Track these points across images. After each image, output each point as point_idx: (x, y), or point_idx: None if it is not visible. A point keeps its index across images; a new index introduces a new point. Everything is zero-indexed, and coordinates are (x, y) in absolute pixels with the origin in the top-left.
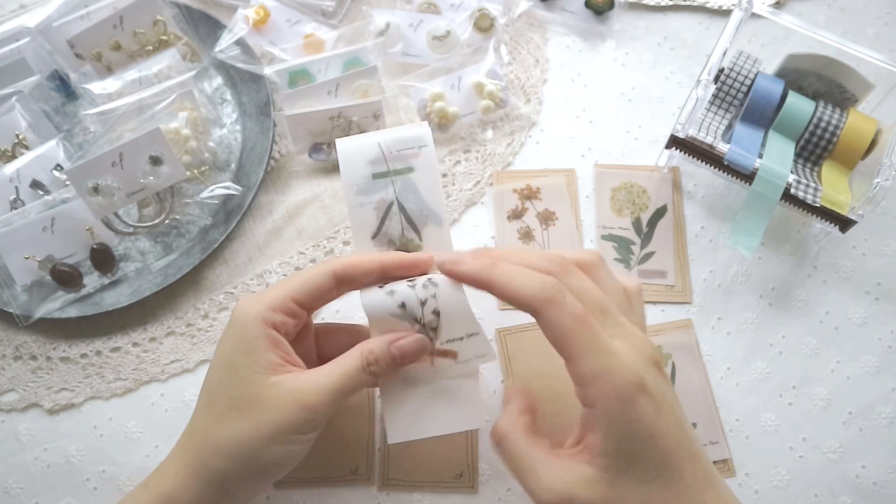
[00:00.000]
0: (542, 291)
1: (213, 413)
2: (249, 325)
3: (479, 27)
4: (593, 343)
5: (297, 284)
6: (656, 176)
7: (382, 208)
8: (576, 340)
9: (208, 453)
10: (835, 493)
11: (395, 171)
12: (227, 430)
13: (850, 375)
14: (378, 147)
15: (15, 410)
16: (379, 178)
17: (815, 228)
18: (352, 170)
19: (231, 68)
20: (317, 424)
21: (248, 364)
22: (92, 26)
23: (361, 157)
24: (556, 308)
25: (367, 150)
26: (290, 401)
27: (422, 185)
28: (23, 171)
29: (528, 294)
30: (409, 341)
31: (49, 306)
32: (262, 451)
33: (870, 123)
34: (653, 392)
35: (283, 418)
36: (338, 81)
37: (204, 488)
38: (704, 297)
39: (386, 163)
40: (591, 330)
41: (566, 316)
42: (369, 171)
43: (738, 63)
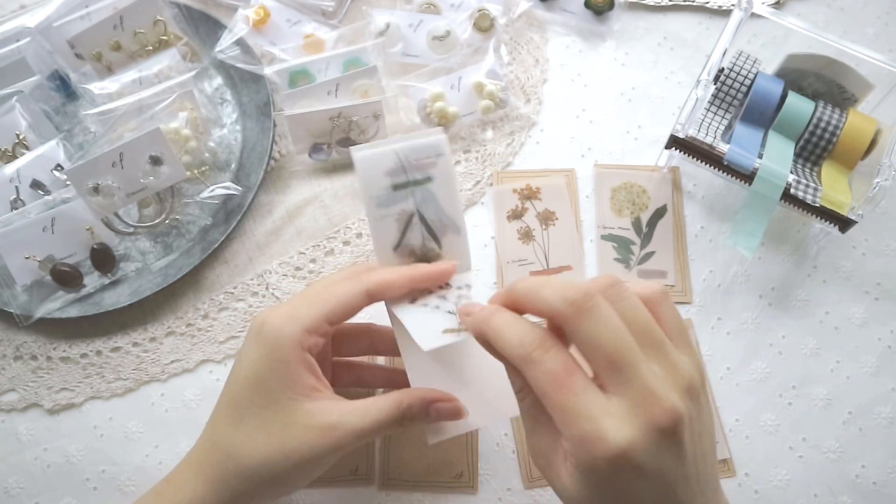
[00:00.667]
0: (519, 349)
1: (239, 431)
2: (285, 347)
3: (479, 27)
4: (570, 406)
5: (332, 305)
6: (656, 176)
7: (403, 220)
8: (550, 401)
9: (230, 471)
10: (835, 493)
11: (414, 182)
12: (254, 451)
13: (849, 375)
14: (396, 157)
15: (15, 410)
16: (399, 189)
17: (814, 228)
18: (371, 182)
19: (231, 68)
20: (339, 456)
21: (283, 388)
22: (92, 26)
23: (379, 168)
24: (532, 367)
25: (384, 160)
26: (322, 434)
27: (440, 194)
28: (23, 171)
29: (508, 353)
30: (447, 408)
31: (49, 306)
32: (286, 476)
33: (869, 123)
34: (639, 464)
35: (311, 449)
36: (338, 81)
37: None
38: (704, 297)
39: (405, 173)
40: (568, 392)
41: (542, 376)
42: (388, 182)
43: (738, 63)
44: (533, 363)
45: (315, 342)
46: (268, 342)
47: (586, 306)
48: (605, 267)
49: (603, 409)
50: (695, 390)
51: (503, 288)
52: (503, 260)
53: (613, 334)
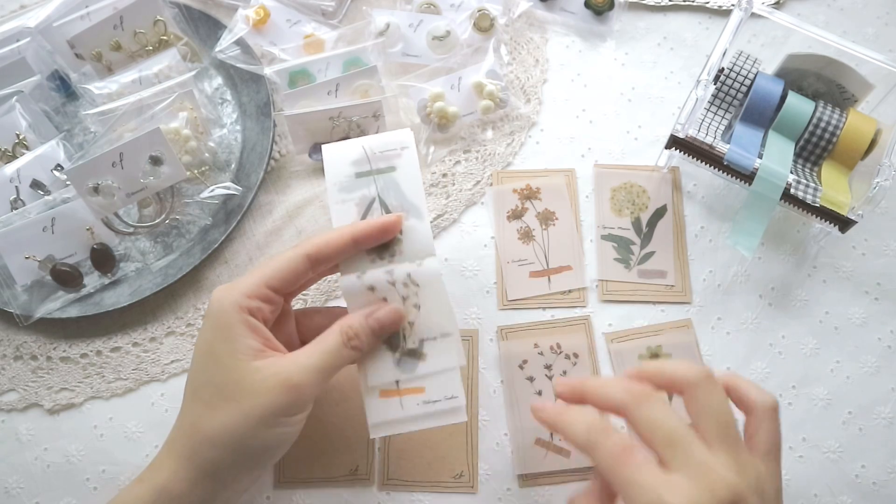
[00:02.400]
0: (584, 435)
1: (199, 403)
2: (226, 312)
3: (479, 27)
4: (633, 479)
5: (271, 270)
6: (656, 176)
7: (364, 204)
8: (614, 477)
9: (198, 443)
10: (834, 493)
11: (377, 171)
12: (215, 418)
13: (849, 375)
14: (361, 148)
15: (15, 410)
16: (362, 176)
17: (814, 228)
18: (335, 169)
19: (231, 68)
20: (303, 405)
21: (228, 351)
22: (92, 26)
23: (345, 157)
24: (597, 450)
25: (350, 150)
26: (275, 384)
27: (403, 181)
28: (23, 171)
29: (577, 441)
30: (385, 311)
31: (49, 306)
32: (252, 437)
33: (869, 123)
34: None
35: (269, 401)
36: (338, 81)
37: (197, 479)
38: (704, 297)
39: (369, 163)
40: (630, 466)
41: (606, 456)
42: (352, 170)
43: (738, 63)
44: (597, 447)
45: (258, 306)
46: (212, 313)
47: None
48: (605, 267)
49: (663, 482)
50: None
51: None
52: (503, 260)
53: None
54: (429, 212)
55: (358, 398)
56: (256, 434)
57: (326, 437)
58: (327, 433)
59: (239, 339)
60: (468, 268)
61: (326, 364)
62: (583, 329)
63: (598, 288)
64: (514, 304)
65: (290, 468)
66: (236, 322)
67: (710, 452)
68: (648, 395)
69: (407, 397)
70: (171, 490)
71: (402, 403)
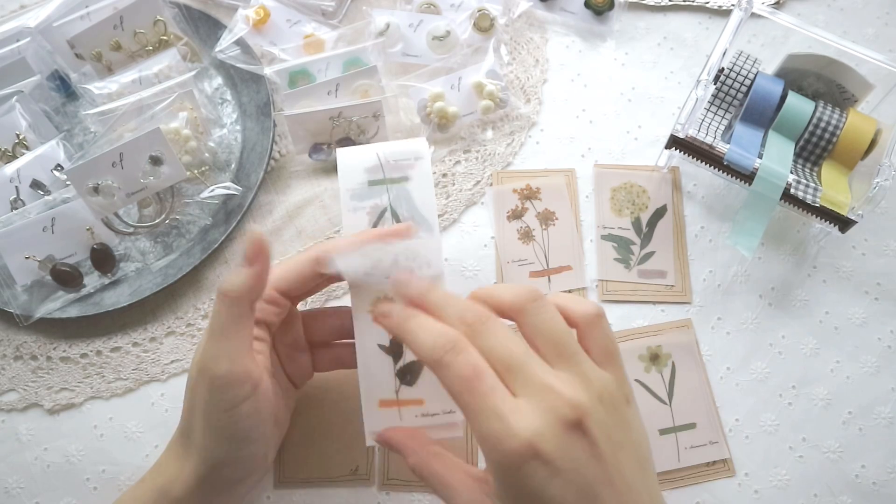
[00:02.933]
0: (432, 351)
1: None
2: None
3: (478, 27)
4: (480, 407)
5: (279, 273)
6: (656, 176)
7: (375, 213)
8: (462, 403)
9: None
10: (834, 493)
11: (390, 180)
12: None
13: (849, 375)
14: (376, 156)
15: (15, 410)
16: (375, 185)
17: (814, 228)
18: (349, 175)
19: (231, 68)
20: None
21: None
22: (92, 26)
23: (359, 164)
24: (444, 369)
25: (364, 157)
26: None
27: (416, 193)
28: (23, 171)
29: (423, 352)
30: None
31: (49, 306)
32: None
33: (869, 123)
34: (549, 457)
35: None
36: (338, 81)
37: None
38: (704, 297)
39: (382, 171)
40: (477, 393)
41: (454, 378)
42: (366, 178)
43: (738, 63)
44: (444, 366)
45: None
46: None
47: (480, 328)
48: (605, 267)
49: (510, 408)
50: (609, 398)
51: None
52: (503, 260)
53: (506, 344)
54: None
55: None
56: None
57: (326, 437)
58: (327, 433)
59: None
60: (468, 268)
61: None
62: None
63: (598, 288)
64: None
65: (290, 468)
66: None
67: (551, 372)
68: (485, 320)
69: (406, 408)
70: (171, 492)
71: (400, 414)
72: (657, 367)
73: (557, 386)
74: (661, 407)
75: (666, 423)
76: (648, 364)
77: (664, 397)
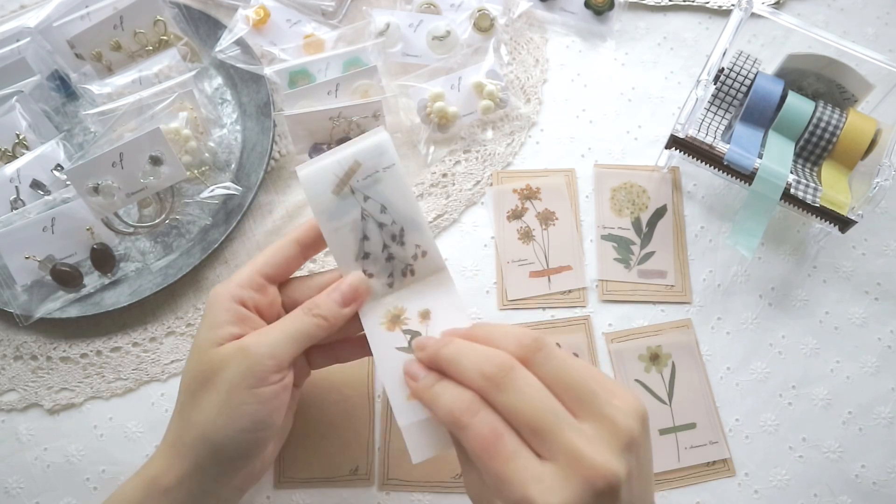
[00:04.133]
0: (448, 415)
1: (186, 394)
2: (216, 304)
3: (478, 27)
4: (503, 473)
5: (263, 259)
6: (656, 176)
7: (358, 228)
8: (484, 468)
9: (185, 434)
10: (834, 493)
11: (361, 188)
12: (197, 407)
13: (849, 375)
14: (339, 165)
15: (15, 410)
16: (347, 197)
17: (814, 228)
18: (317, 197)
19: (231, 68)
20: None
21: (210, 340)
22: (92, 26)
23: (324, 180)
24: (463, 432)
25: (328, 171)
26: (233, 351)
27: (391, 195)
28: (23, 171)
29: (441, 416)
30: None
31: (49, 306)
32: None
33: (869, 123)
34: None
35: (231, 370)
36: (338, 81)
37: (185, 468)
38: (704, 297)
39: (351, 181)
40: (499, 457)
41: (473, 440)
42: (335, 192)
43: (738, 63)
44: (463, 428)
45: (250, 296)
46: (207, 304)
47: (502, 381)
48: (605, 267)
49: (533, 476)
50: (635, 442)
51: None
52: (503, 260)
53: (531, 402)
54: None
55: (358, 399)
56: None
57: (326, 437)
58: (327, 433)
59: (222, 327)
60: (468, 268)
61: (286, 329)
62: (583, 329)
63: (598, 288)
64: (514, 305)
65: (290, 468)
66: (223, 311)
67: (579, 430)
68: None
69: None
70: (161, 483)
71: None
72: (657, 367)
73: (588, 452)
74: (661, 407)
75: (666, 423)
76: (648, 364)
77: (664, 397)
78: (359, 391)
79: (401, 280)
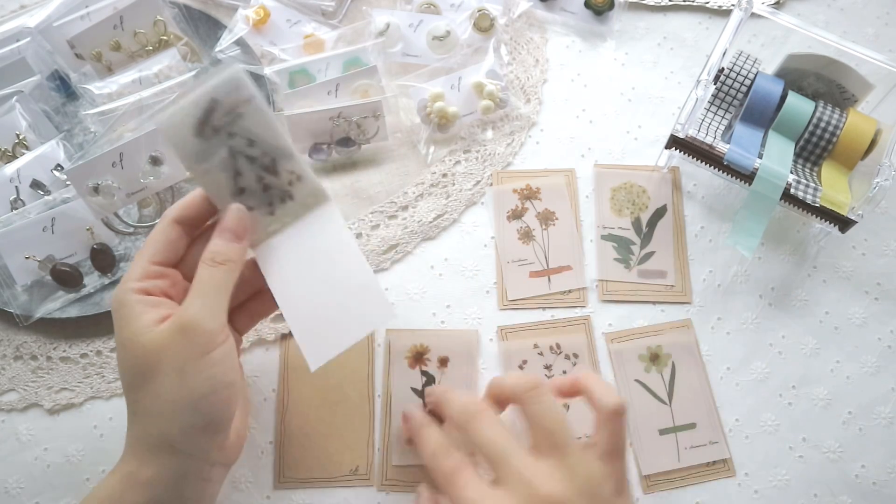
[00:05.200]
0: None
1: (132, 391)
2: (121, 301)
3: (478, 27)
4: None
5: (148, 248)
6: (656, 176)
7: (229, 166)
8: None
9: (147, 423)
10: (834, 493)
11: (225, 124)
12: (147, 394)
13: (849, 375)
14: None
15: (15, 410)
16: (211, 136)
17: (814, 228)
18: (181, 141)
19: None
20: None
21: (131, 333)
22: (92, 26)
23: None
24: (435, 471)
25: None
26: (170, 332)
27: (255, 126)
28: (23, 171)
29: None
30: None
31: (49, 306)
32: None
33: (869, 123)
34: None
35: (173, 350)
36: (338, 81)
37: (159, 458)
38: (704, 297)
39: (213, 118)
40: (456, 486)
41: (441, 477)
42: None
43: (738, 63)
44: (437, 467)
45: (152, 284)
46: (113, 309)
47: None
48: (605, 267)
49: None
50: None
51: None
52: (503, 260)
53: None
54: None
55: (358, 399)
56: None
57: (326, 437)
58: (327, 433)
59: (138, 318)
60: (468, 268)
61: (206, 289)
62: (583, 329)
63: (598, 288)
64: (514, 304)
65: (290, 468)
66: (131, 304)
67: (534, 463)
68: (475, 414)
69: None
70: (139, 477)
71: None
72: (657, 367)
73: (536, 480)
74: (661, 407)
75: (666, 423)
76: (648, 364)
77: (664, 397)
78: (359, 391)
79: (281, 206)
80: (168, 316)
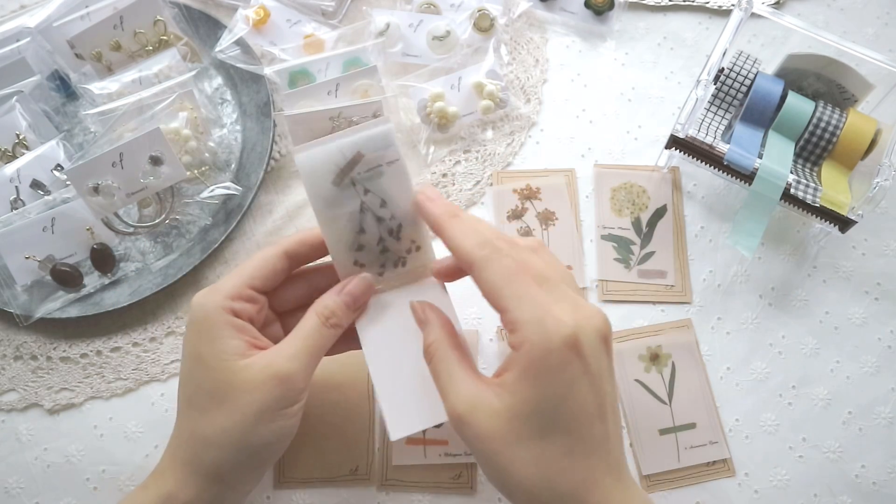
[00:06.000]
0: (479, 248)
1: (194, 410)
2: (210, 315)
3: (478, 27)
4: (530, 294)
5: (251, 270)
6: (656, 176)
7: (355, 219)
8: (510, 290)
9: (200, 449)
10: (834, 493)
11: (363, 179)
12: (213, 423)
13: (849, 375)
14: (341, 154)
15: (15, 410)
16: (347, 187)
17: (814, 228)
18: (315, 183)
19: (231, 68)
20: (297, 395)
21: (215, 354)
22: (92, 26)
23: (324, 167)
24: (491, 262)
25: (329, 158)
26: (265, 378)
27: (392, 188)
28: (23, 171)
29: (468, 247)
30: (355, 283)
31: (49, 306)
32: (252, 435)
33: (869, 123)
34: (586, 356)
35: (262, 397)
36: (338, 81)
37: (203, 484)
38: (704, 297)
39: (352, 170)
40: (527, 283)
41: (502, 268)
42: (335, 181)
43: (738, 63)
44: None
45: (242, 307)
46: (195, 318)
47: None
48: (605, 267)
49: (555, 300)
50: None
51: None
52: None
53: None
54: None
55: (358, 399)
56: (255, 431)
57: (326, 437)
58: (327, 433)
59: (225, 341)
60: None
61: (310, 348)
62: None
63: (598, 288)
64: None
65: (290, 468)
66: (221, 324)
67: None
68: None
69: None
70: (178, 497)
71: (425, 452)
72: (657, 367)
73: (589, 306)
74: (661, 407)
75: (666, 423)
76: (648, 364)
77: (664, 397)
78: (359, 391)
79: (392, 271)
80: (252, 345)
